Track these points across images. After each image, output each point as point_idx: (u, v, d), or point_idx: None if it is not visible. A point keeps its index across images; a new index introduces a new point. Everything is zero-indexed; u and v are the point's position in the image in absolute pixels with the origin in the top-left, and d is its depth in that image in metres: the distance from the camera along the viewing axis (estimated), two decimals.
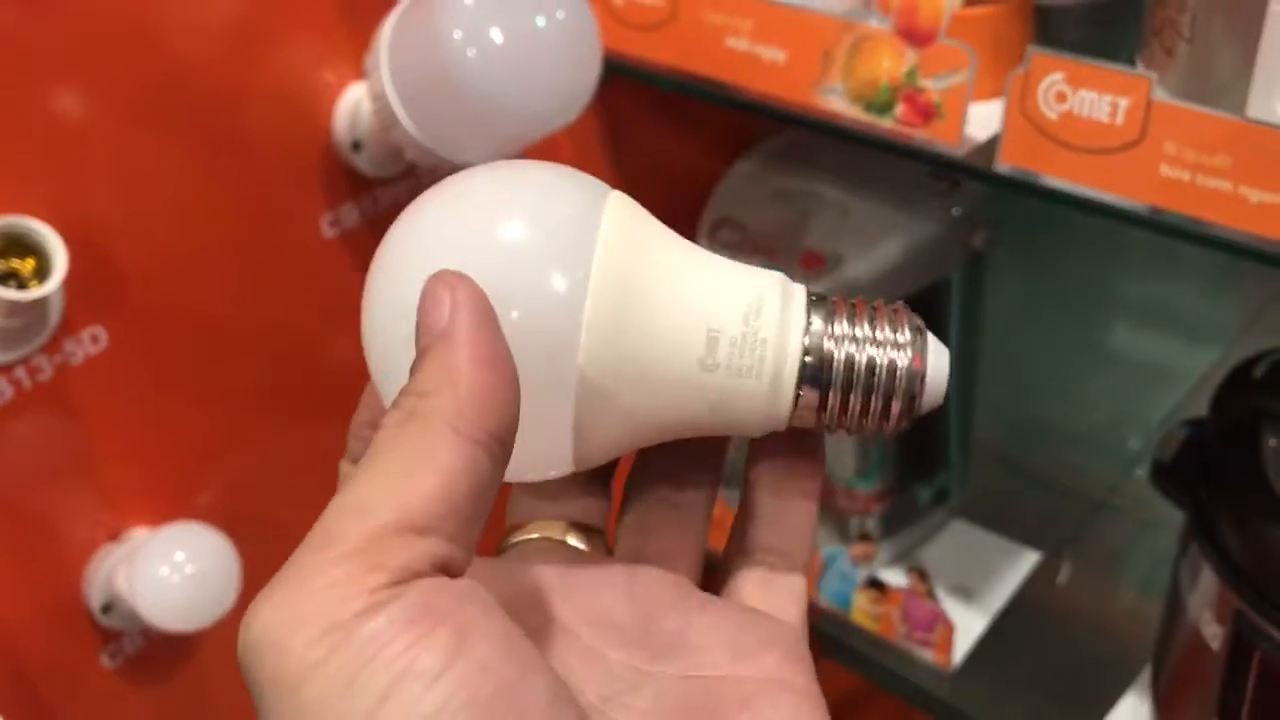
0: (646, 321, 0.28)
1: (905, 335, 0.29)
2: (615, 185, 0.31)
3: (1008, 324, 0.92)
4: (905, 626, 0.82)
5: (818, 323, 0.29)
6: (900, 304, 0.30)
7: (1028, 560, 0.90)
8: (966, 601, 0.86)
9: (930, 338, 0.29)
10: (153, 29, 0.56)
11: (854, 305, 0.30)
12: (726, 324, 0.28)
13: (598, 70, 0.55)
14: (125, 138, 0.57)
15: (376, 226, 0.68)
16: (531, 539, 0.33)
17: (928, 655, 0.82)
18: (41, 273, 0.51)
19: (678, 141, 0.84)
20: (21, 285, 0.51)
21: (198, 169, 0.60)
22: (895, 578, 0.84)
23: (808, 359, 0.28)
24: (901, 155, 0.64)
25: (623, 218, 0.29)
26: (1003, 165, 0.58)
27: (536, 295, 0.27)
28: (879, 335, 0.29)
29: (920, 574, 0.80)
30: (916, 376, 0.29)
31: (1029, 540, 0.91)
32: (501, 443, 0.24)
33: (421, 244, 0.27)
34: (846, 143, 0.81)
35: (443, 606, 0.22)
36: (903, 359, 0.29)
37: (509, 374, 0.25)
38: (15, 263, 0.51)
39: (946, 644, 0.80)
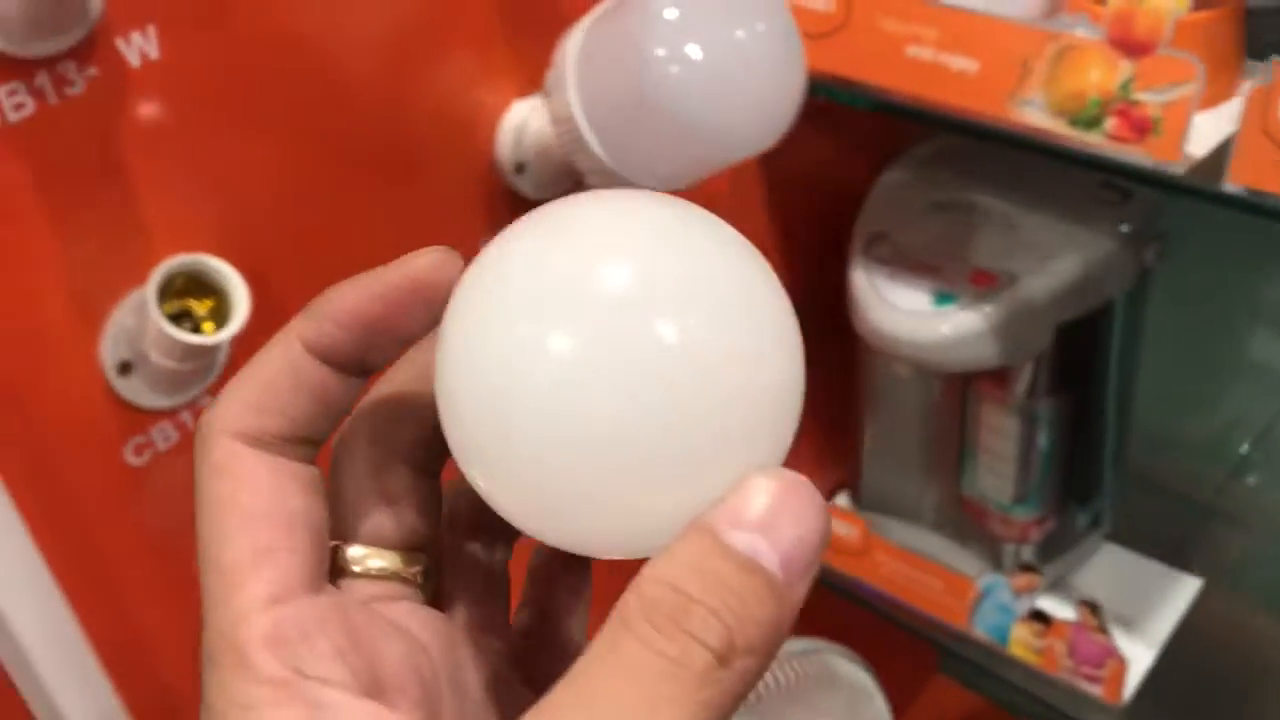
0: None
1: None
2: (762, 195, 0.26)
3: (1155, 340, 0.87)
4: (1071, 661, 0.78)
5: None
6: None
7: (1189, 586, 0.85)
8: (1129, 632, 0.82)
9: None
10: (313, 54, 0.53)
11: None
12: None
13: (801, 88, 0.51)
14: (287, 167, 0.53)
15: None
16: (378, 569, 0.29)
17: (1095, 691, 0.78)
18: (219, 314, 0.48)
19: (822, 149, 0.80)
20: (195, 327, 0.48)
21: (359, 198, 0.56)
22: (1056, 608, 0.80)
23: None
24: (1089, 166, 0.60)
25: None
26: (1231, 185, 0.53)
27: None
28: None
29: (1091, 607, 0.76)
30: None
31: (1181, 564, 0.87)
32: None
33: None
34: (1006, 151, 0.78)
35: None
36: None
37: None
38: (192, 303, 0.48)
39: (1117, 680, 0.76)
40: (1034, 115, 0.58)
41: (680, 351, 0.23)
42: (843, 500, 0.92)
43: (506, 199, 0.62)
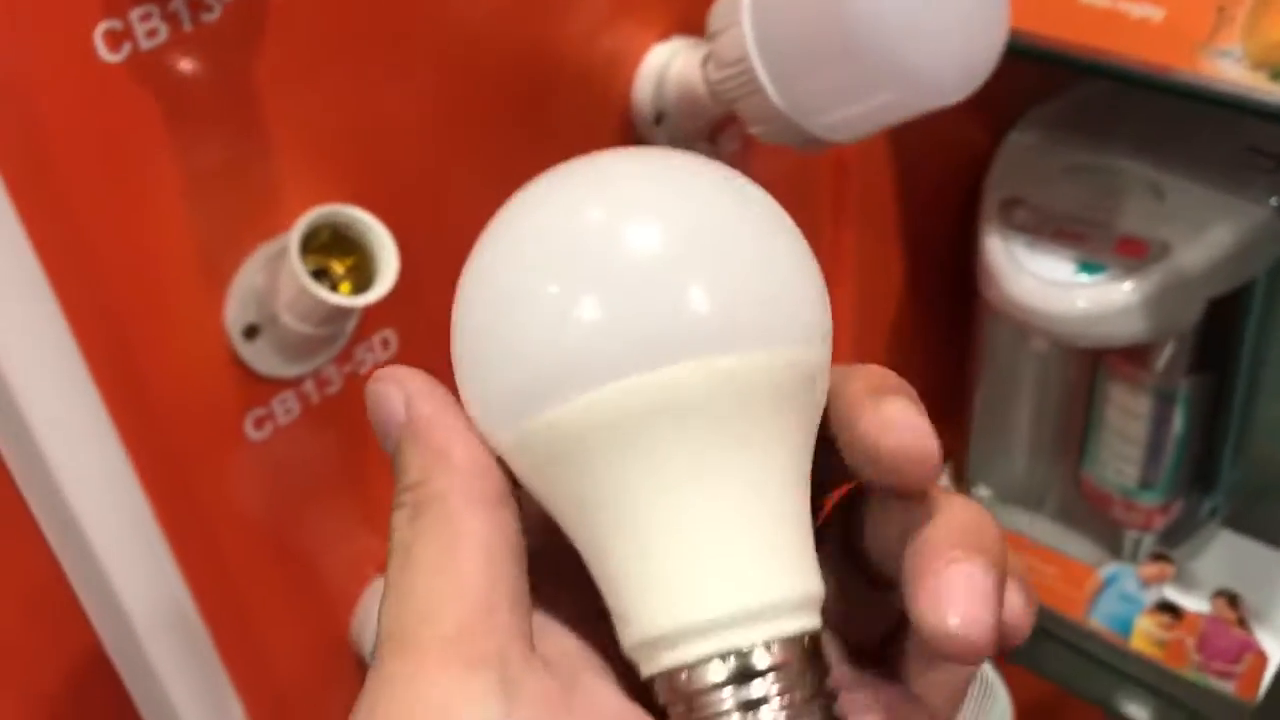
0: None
1: None
2: (880, 159, 0.22)
3: None
4: (1200, 656, 0.74)
5: (762, 659, 0.22)
6: None
7: None
8: (1258, 624, 0.77)
9: None
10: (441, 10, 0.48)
11: (809, 688, 0.22)
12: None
13: (1006, 32, 0.46)
14: (424, 113, 0.48)
15: None
16: None
17: (1226, 687, 0.73)
18: (359, 274, 0.43)
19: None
20: (332, 287, 0.43)
21: (490, 149, 0.51)
22: (1185, 600, 0.75)
23: (714, 663, 0.22)
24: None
25: (763, 384, 0.22)
26: None
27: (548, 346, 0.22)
28: None
29: (1230, 599, 0.72)
30: None
31: None
32: (510, 497, 0.24)
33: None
34: (1140, 110, 0.73)
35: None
36: None
37: (478, 436, 0.24)
38: (332, 261, 0.43)
39: (1255, 677, 0.72)
40: (1228, 68, 0.53)
41: (708, 313, 0.22)
42: (942, 480, 0.87)
43: None
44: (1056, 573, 0.78)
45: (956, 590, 0.22)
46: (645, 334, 0.21)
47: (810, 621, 0.23)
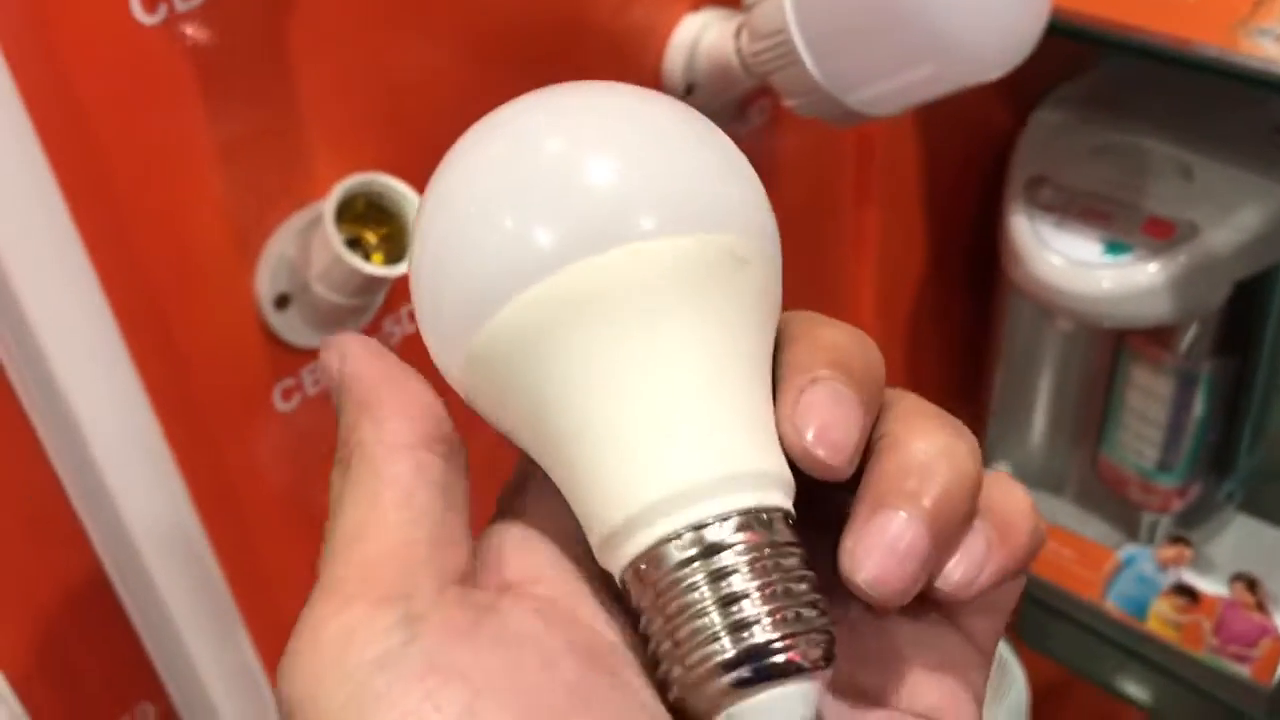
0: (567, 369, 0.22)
1: (774, 634, 0.21)
2: (905, 137, 0.22)
3: None
4: (1217, 639, 0.73)
5: (725, 533, 0.21)
6: (822, 607, 0.22)
7: None
8: (1275, 608, 0.77)
9: (795, 684, 0.21)
10: None
11: (785, 561, 0.21)
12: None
13: (1046, 10, 0.45)
14: (456, 83, 0.47)
15: None
16: None
17: (1243, 671, 0.73)
18: (392, 244, 0.43)
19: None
20: (365, 257, 0.42)
21: None
22: (1200, 583, 0.75)
23: (674, 543, 0.21)
24: None
25: (695, 261, 0.22)
26: None
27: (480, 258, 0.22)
28: (751, 602, 0.21)
29: (1249, 583, 0.71)
30: (731, 681, 0.21)
31: None
32: (443, 440, 0.23)
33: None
34: (1166, 90, 0.72)
35: (456, 659, 0.21)
36: (731, 647, 0.21)
37: (416, 384, 0.23)
38: (366, 230, 0.42)
39: (1272, 661, 0.72)
40: (1268, 46, 0.53)
41: (627, 204, 0.22)
42: None
43: None
44: (1073, 554, 0.78)
45: (871, 540, 0.22)
46: (567, 229, 0.22)
47: (770, 499, 0.22)
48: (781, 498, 0.22)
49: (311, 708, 0.21)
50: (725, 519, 0.21)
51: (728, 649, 0.21)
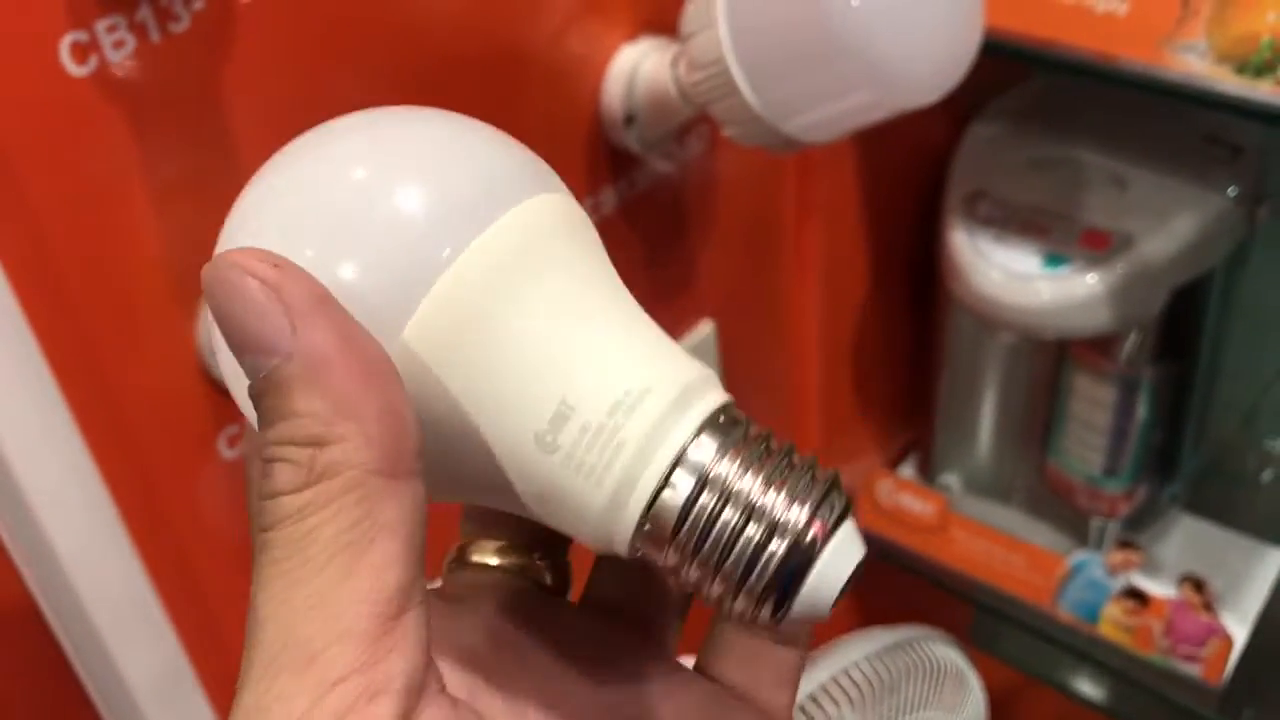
0: (492, 357, 0.22)
1: (802, 512, 0.21)
2: (844, 155, 0.22)
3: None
4: (1167, 640, 0.74)
5: (705, 451, 0.21)
6: (817, 465, 0.22)
7: (1273, 558, 0.82)
8: (1221, 608, 0.78)
9: (841, 533, 0.22)
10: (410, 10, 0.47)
11: (767, 446, 0.22)
12: (586, 405, 0.21)
13: (981, 32, 0.46)
14: None
15: (632, 212, 0.59)
16: (488, 565, 0.27)
17: (1192, 671, 0.74)
18: None
19: None
20: None
21: None
22: (1149, 585, 0.76)
23: (666, 491, 0.21)
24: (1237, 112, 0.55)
25: (535, 222, 0.23)
26: None
27: (377, 259, 0.21)
28: (769, 499, 0.21)
29: (1196, 584, 0.73)
30: (792, 576, 0.21)
31: (1259, 530, 0.84)
32: (421, 454, 0.20)
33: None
34: (1100, 103, 0.73)
35: None
36: (780, 545, 0.21)
37: (393, 371, 0.20)
38: None
39: (1220, 660, 0.73)
40: (1193, 62, 0.54)
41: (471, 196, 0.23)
42: (908, 470, 0.88)
43: (613, 155, 0.56)
44: (1024, 562, 0.79)
45: None
46: (411, 252, 0.22)
47: (724, 395, 0.22)
48: (720, 391, 0.22)
49: None
50: (699, 432, 0.21)
51: (771, 564, 0.21)
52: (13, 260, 0.37)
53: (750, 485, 0.21)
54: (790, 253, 0.72)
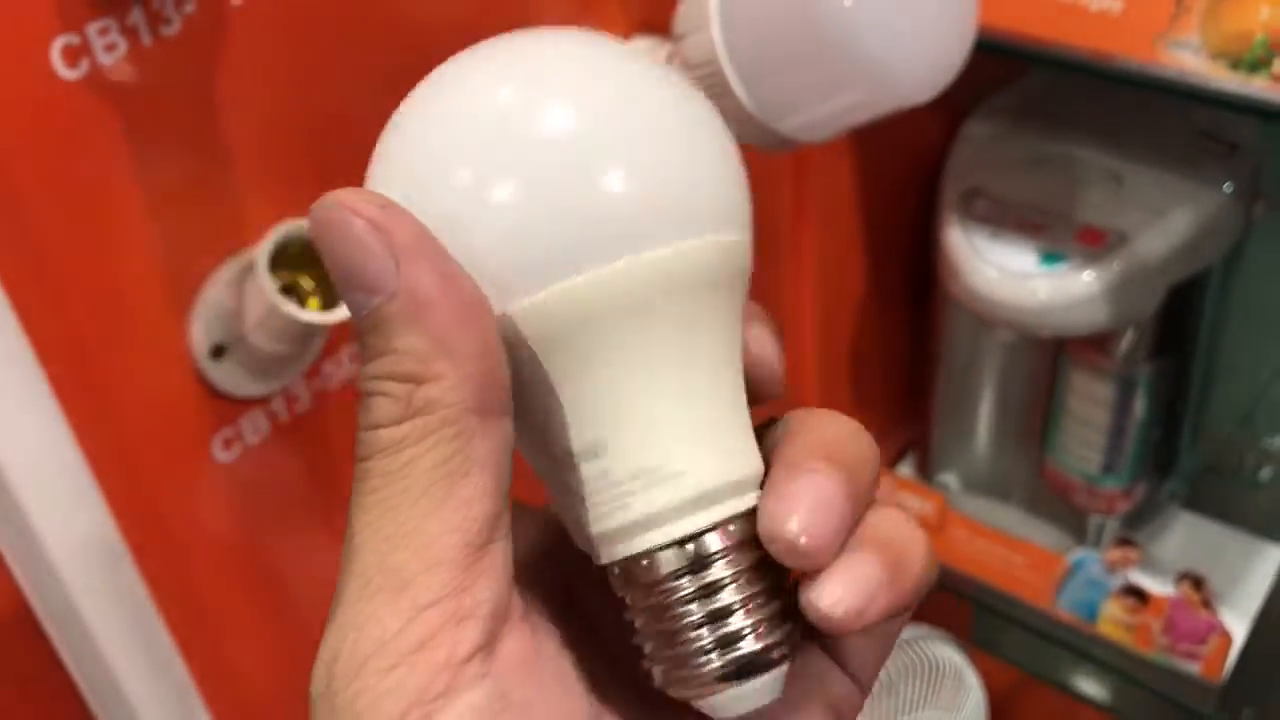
0: (571, 368, 0.22)
1: (753, 643, 0.22)
2: (840, 155, 0.22)
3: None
4: (1167, 638, 0.74)
5: (701, 547, 0.22)
6: (788, 599, 0.23)
7: (1272, 555, 0.82)
8: (1220, 605, 0.78)
9: (771, 675, 0.22)
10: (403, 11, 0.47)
11: (751, 569, 0.22)
12: (618, 459, 0.22)
13: (974, 29, 0.46)
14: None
15: None
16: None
17: (1192, 668, 0.74)
18: (330, 287, 0.42)
19: None
20: (300, 304, 0.42)
21: None
22: (1148, 582, 0.76)
23: (644, 561, 0.22)
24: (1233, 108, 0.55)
25: (707, 261, 0.22)
26: None
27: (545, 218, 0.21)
28: (733, 618, 0.22)
29: (1195, 581, 0.72)
30: (714, 682, 0.22)
31: (1258, 527, 0.84)
32: (509, 392, 0.21)
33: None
34: (1096, 99, 0.73)
35: (523, 698, 0.21)
36: (718, 660, 0.22)
37: (489, 315, 0.21)
38: (299, 276, 0.42)
39: (1219, 657, 0.73)
40: (1187, 58, 0.54)
41: (623, 195, 0.21)
42: (906, 468, 0.88)
43: None
44: (1023, 561, 0.78)
45: (793, 495, 0.22)
46: (571, 238, 0.21)
47: (747, 501, 0.23)
48: (755, 495, 0.23)
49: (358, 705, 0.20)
50: (715, 527, 0.22)
51: (715, 661, 0.22)
52: (6, 263, 0.37)
53: (726, 594, 0.22)
54: (787, 252, 0.72)
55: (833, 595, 0.21)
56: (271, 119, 0.43)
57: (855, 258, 0.76)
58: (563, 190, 0.21)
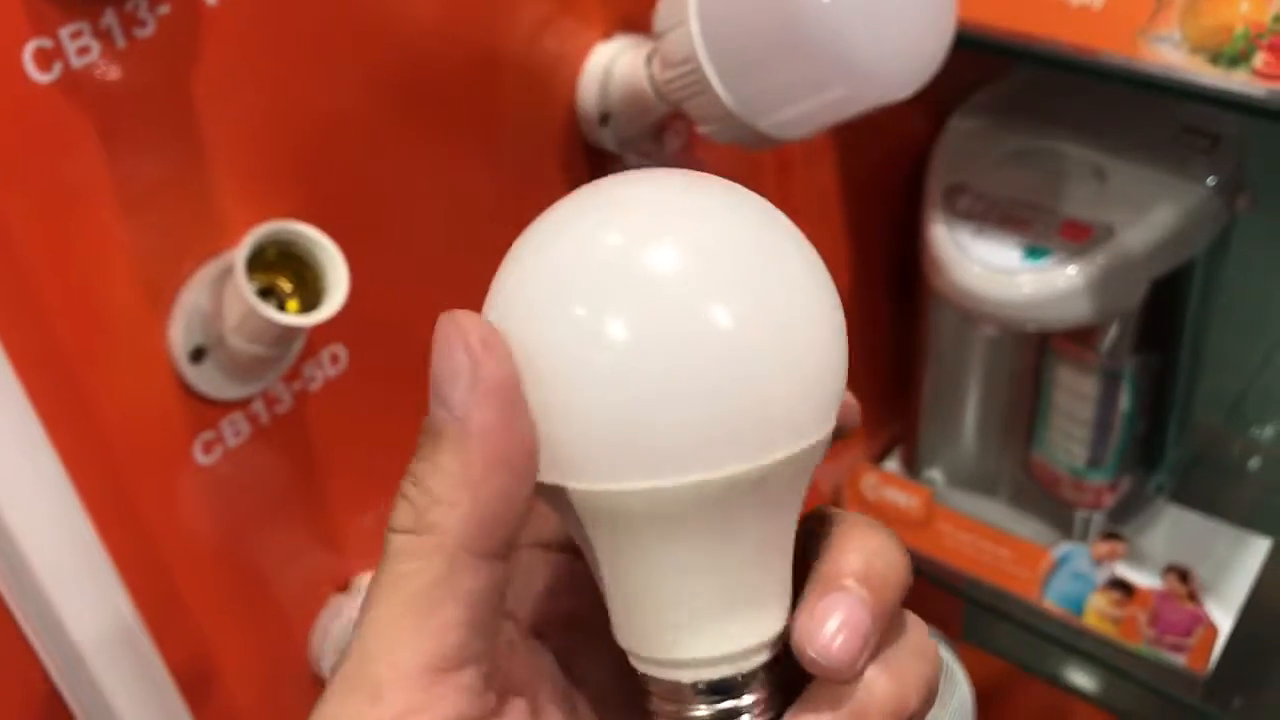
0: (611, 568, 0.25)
1: None
2: (823, 152, 0.23)
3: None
4: (1153, 630, 0.75)
5: (738, 698, 0.25)
6: None
7: (1258, 547, 0.82)
8: (1206, 597, 0.78)
9: None
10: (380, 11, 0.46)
11: (771, 696, 0.25)
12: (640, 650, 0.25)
13: (954, 25, 0.46)
14: (366, 122, 0.47)
15: None
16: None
17: (1178, 660, 0.74)
18: (308, 289, 0.42)
19: None
20: (280, 307, 0.42)
21: (435, 157, 0.50)
22: (1135, 576, 0.76)
23: (682, 688, 0.25)
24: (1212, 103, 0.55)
25: (789, 471, 0.24)
26: None
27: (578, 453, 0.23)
28: None
29: (1181, 574, 0.73)
30: None
31: (1245, 520, 0.84)
32: (513, 544, 0.24)
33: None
34: (1080, 95, 0.73)
35: None
36: None
37: (526, 472, 0.23)
38: (279, 279, 0.42)
39: (1205, 649, 0.73)
40: (1168, 52, 0.54)
41: (731, 332, 0.22)
42: (892, 464, 0.88)
43: (589, 155, 0.56)
44: (1009, 554, 0.78)
45: (821, 616, 0.24)
46: (679, 443, 0.22)
47: (776, 648, 0.25)
48: (781, 642, 0.25)
49: None
50: (741, 675, 0.24)
51: None
52: None
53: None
54: None
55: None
56: (248, 121, 0.42)
57: (840, 255, 0.76)
58: (677, 398, 0.22)
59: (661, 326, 0.22)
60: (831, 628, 0.23)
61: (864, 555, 0.24)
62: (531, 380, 0.23)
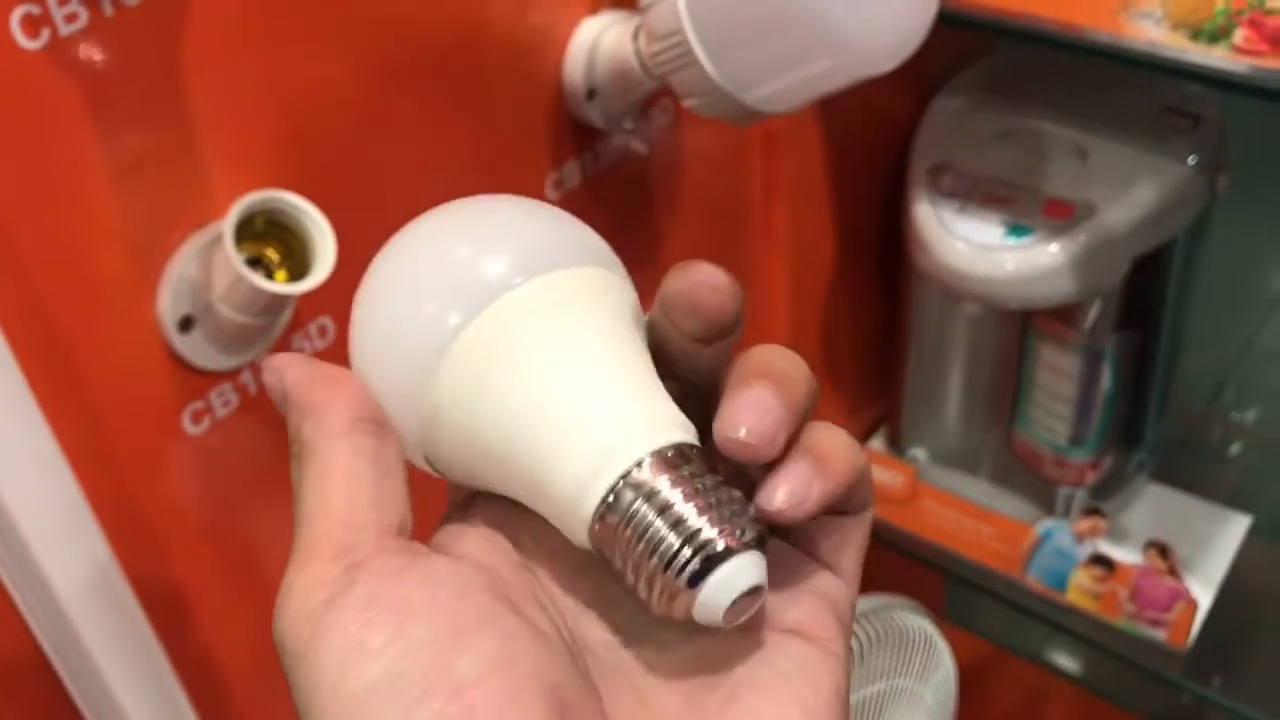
0: (501, 400, 0.27)
1: (717, 532, 0.25)
2: (808, 131, 0.24)
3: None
4: (1134, 606, 0.75)
5: (649, 474, 0.26)
6: (748, 505, 0.26)
7: (1239, 524, 0.83)
8: (1186, 572, 0.79)
9: (746, 556, 0.26)
10: None
11: (706, 481, 0.26)
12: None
13: (936, 1, 0.46)
14: (353, 92, 0.47)
15: (596, 187, 0.59)
16: None
17: (1158, 635, 0.75)
18: (296, 259, 0.42)
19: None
20: (268, 275, 0.42)
21: (422, 129, 0.50)
22: (1117, 552, 0.77)
23: (610, 499, 0.26)
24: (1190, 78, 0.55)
25: (557, 293, 0.28)
26: None
27: (421, 317, 0.27)
28: (693, 518, 0.25)
29: (1161, 549, 0.73)
30: (694, 578, 0.25)
31: (1226, 500, 0.85)
32: (371, 419, 0.28)
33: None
34: (1063, 74, 0.74)
35: (387, 593, 0.25)
36: (689, 551, 0.25)
37: (346, 379, 0.28)
38: (267, 248, 0.42)
39: (1185, 624, 0.74)
40: (1149, 29, 0.54)
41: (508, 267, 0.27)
42: (877, 442, 0.88)
43: (576, 129, 0.56)
44: (993, 531, 0.79)
45: (740, 405, 0.26)
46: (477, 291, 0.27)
47: (681, 437, 0.26)
48: (682, 435, 0.26)
49: (288, 649, 0.25)
50: (640, 463, 0.25)
51: (687, 557, 0.25)
52: None
53: (679, 505, 0.25)
54: (756, 228, 0.72)
55: (773, 489, 0.26)
56: (237, 90, 0.43)
57: (825, 233, 0.77)
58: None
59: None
60: (742, 408, 0.26)
61: (762, 358, 0.27)
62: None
